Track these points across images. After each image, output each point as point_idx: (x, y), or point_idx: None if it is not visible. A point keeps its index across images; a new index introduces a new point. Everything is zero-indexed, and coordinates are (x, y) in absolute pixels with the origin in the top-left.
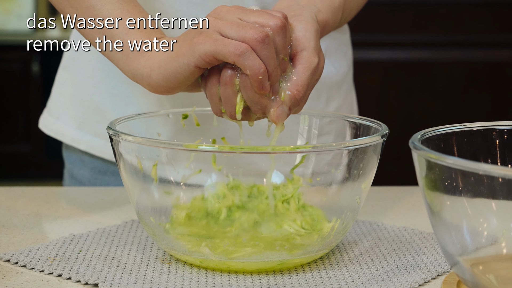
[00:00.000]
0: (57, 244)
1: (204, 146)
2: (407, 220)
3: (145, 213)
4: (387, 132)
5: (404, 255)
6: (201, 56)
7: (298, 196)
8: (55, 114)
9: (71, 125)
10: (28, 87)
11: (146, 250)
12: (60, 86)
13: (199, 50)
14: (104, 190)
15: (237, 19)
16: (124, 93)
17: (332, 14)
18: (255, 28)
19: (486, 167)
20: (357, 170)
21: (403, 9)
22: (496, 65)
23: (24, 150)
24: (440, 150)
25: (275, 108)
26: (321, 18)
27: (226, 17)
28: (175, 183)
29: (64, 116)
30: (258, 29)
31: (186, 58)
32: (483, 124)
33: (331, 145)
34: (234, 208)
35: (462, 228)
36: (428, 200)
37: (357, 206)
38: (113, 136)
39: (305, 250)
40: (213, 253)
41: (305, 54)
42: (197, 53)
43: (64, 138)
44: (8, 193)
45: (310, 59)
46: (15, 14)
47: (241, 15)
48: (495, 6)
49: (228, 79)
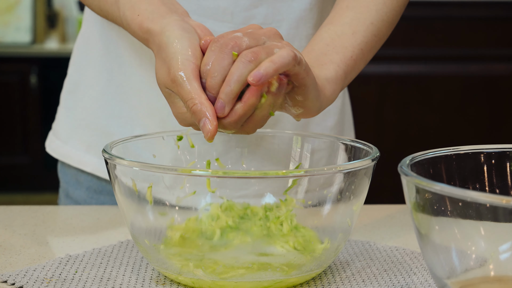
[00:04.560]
0: (53, 264)
1: (198, 171)
2: (399, 239)
3: (140, 234)
4: (378, 155)
5: (395, 275)
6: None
7: (291, 218)
8: (63, 138)
9: (79, 148)
10: (26, 99)
11: (141, 271)
12: (66, 110)
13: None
14: (100, 209)
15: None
16: (129, 115)
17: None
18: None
19: (473, 194)
20: (348, 192)
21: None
22: (491, 78)
23: (22, 162)
24: (429, 174)
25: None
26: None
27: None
28: (170, 205)
29: (71, 140)
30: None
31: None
32: (471, 148)
33: (323, 169)
34: (228, 229)
35: (451, 251)
36: (416, 222)
37: (349, 228)
38: (108, 160)
39: (298, 270)
40: (205, 273)
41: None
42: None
43: (72, 161)
44: (6, 212)
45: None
46: (13, 26)
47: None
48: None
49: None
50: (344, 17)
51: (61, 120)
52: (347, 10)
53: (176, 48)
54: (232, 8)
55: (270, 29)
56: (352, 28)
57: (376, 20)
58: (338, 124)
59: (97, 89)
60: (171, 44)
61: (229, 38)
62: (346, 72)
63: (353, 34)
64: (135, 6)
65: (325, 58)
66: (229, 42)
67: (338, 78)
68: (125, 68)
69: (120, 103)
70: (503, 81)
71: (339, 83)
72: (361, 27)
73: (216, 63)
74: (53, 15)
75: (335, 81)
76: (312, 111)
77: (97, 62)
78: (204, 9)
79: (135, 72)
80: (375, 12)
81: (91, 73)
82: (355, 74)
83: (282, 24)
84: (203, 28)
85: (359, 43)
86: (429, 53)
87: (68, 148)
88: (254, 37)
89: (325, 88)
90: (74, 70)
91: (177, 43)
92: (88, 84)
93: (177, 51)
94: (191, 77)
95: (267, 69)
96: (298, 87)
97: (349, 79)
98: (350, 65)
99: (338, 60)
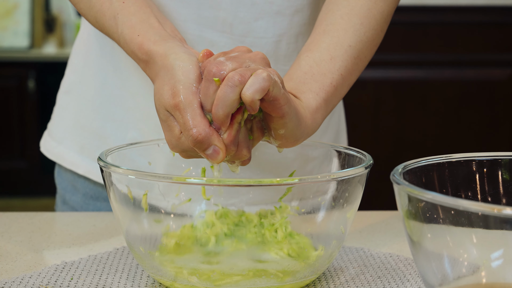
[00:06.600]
0: (49, 271)
1: (192, 179)
2: (393, 246)
3: (135, 241)
4: (371, 163)
5: (388, 282)
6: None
7: (286, 225)
8: (57, 138)
9: (72, 149)
10: (24, 104)
11: (136, 278)
12: (62, 110)
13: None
14: (96, 216)
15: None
16: (123, 118)
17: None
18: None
19: (465, 203)
20: (342, 200)
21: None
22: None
23: (20, 167)
24: (422, 182)
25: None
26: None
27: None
28: (165, 212)
29: (65, 140)
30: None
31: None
32: (464, 156)
33: (317, 177)
34: (223, 236)
35: (443, 258)
36: (408, 230)
37: (342, 235)
38: (103, 168)
39: (293, 277)
40: (200, 280)
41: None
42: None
43: (65, 162)
44: (2, 219)
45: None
46: (11, 30)
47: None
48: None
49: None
50: (321, 42)
51: (56, 120)
52: (324, 34)
53: (182, 71)
54: (231, 20)
55: (257, 53)
56: (330, 53)
57: (354, 42)
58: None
59: (92, 91)
60: (177, 67)
61: (212, 64)
62: (327, 99)
63: (331, 60)
64: (135, 27)
65: (303, 87)
66: (211, 69)
67: (319, 107)
68: (121, 71)
69: (115, 106)
70: (500, 86)
71: (320, 112)
72: (339, 52)
73: (202, 93)
74: (51, 20)
75: (315, 109)
76: (293, 140)
77: (93, 64)
78: (203, 19)
79: (131, 75)
80: (352, 34)
81: (87, 75)
82: (337, 100)
83: (282, 38)
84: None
85: (338, 68)
86: (425, 58)
87: (62, 148)
88: (237, 61)
89: (306, 117)
90: (71, 71)
91: (183, 66)
92: (83, 85)
93: (183, 75)
94: (196, 105)
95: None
96: (279, 117)
97: (331, 106)
98: (330, 92)
99: (317, 89)
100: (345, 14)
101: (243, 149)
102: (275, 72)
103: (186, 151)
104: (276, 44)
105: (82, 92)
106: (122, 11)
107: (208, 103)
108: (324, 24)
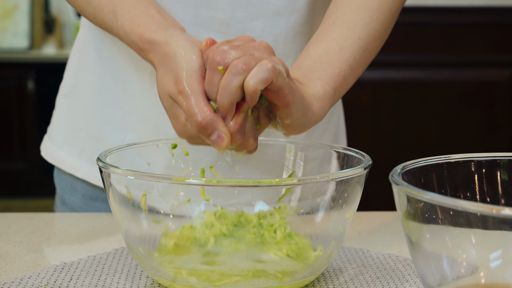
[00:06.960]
0: (48, 272)
1: (191, 180)
2: (392, 246)
3: (134, 242)
4: (370, 164)
5: (387, 282)
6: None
7: (285, 225)
8: (56, 142)
9: (71, 153)
10: (23, 105)
11: (135, 279)
12: (60, 113)
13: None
14: (95, 217)
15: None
16: (122, 121)
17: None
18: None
19: (464, 204)
20: (341, 200)
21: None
22: (488, 84)
23: (19, 167)
24: (420, 183)
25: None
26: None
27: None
28: (164, 213)
29: (65, 144)
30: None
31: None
32: (462, 156)
33: (316, 178)
34: (222, 237)
35: (442, 258)
36: (407, 231)
37: (341, 236)
38: (102, 168)
39: (292, 277)
40: (199, 281)
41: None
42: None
43: (64, 166)
44: (1, 219)
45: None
46: (11, 31)
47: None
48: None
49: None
50: (330, 33)
51: (56, 124)
52: (334, 26)
53: (184, 58)
54: (228, 20)
55: (261, 42)
56: (339, 44)
57: (363, 34)
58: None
59: (91, 94)
60: (180, 54)
61: (216, 53)
62: (335, 88)
63: (340, 50)
64: (135, 18)
65: (312, 75)
66: (215, 57)
67: (327, 95)
68: (119, 73)
69: (113, 108)
70: (499, 87)
71: (328, 100)
72: (349, 43)
73: (207, 82)
74: (50, 21)
75: (323, 98)
76: (299, 128)
77: (91, 67)
78: (200, 19)
79: (129, 78)
80: (362, 27)
81: (85, 78)
82: (344, 90)
83: (279, 38)
84: (201, 43)
85: (347, 58)
86: (425, 59)
87: (62, 152)
88: (242, 50)
89: (313, 105)
90: (69, 74)
91: (185, 54)
92: (82, 88)
93: (186, 62)
94: (199, 91)
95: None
96: (283, 106)
97: (338, 95)
98: (339, 82)
99: (326, 77)
100: (355, 7)
101: (249, 138)
102: (280, 61)
103: (192, 138)
104: (273, 44)
105: (81, 96)
106: (120, 4)
107: (214, 92)
108: (334, 16)
